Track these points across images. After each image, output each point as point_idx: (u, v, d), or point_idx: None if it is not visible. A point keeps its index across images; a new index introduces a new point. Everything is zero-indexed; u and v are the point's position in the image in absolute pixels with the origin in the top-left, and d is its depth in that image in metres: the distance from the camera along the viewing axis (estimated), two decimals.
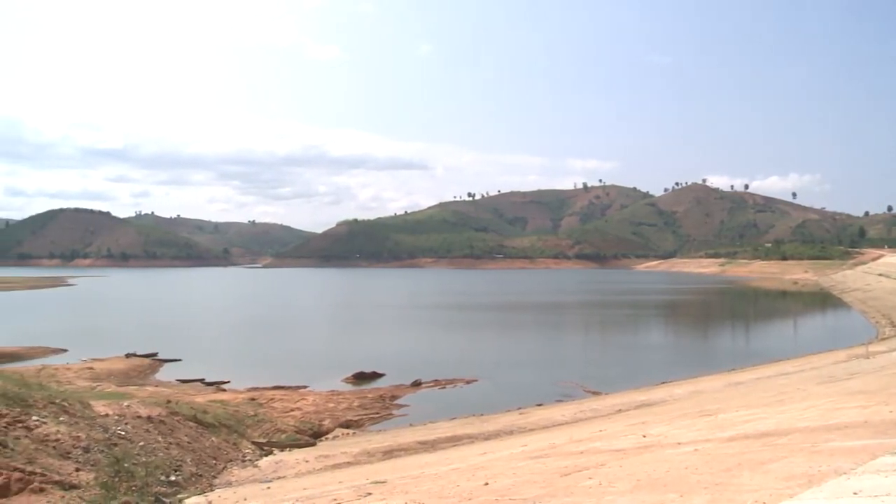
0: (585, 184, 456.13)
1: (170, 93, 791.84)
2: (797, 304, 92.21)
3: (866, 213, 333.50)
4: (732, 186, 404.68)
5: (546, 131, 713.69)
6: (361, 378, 33.34)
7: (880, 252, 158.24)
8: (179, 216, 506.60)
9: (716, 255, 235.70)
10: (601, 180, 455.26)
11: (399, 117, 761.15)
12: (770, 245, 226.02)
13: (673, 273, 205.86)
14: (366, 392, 29.84)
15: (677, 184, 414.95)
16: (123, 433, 15.53)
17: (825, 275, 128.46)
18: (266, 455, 18.82)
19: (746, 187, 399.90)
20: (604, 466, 9.25)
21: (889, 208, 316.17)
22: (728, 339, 55.05)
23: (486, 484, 9.25)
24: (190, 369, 35.56)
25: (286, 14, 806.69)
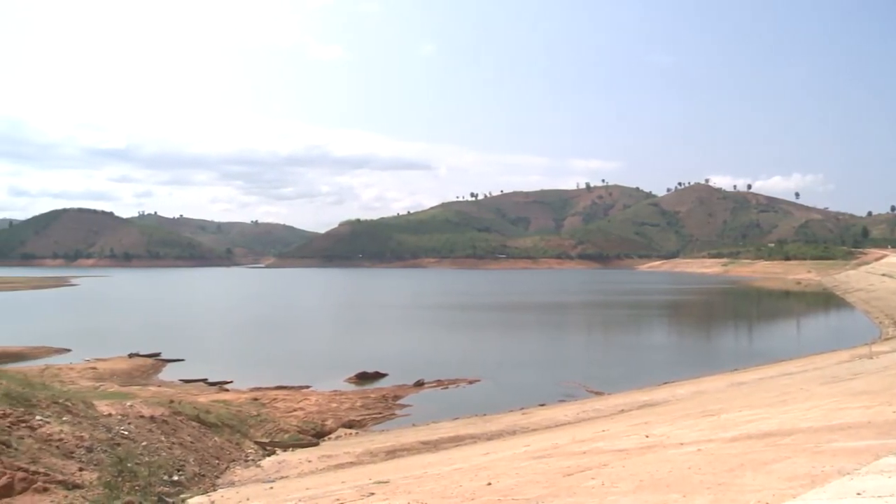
0: (588, 184, 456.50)
1: (173, 93, 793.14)
2: (800, 305, 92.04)
3: (869, 213, 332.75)
4: (735, 186, 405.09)
5: (549, 131, 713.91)
6: (364, 378, 33.39)
7: (883, 252, 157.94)
8: (182, 216, 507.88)
9: (719, 256, 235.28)
10: (604, 180, 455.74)
11: (402, 117, 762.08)
12: (773, 245, 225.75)
13: (676, 273, 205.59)
14: (368, 392, 29.86)
15: (680, 184, 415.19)
16: (126, 433, 15.56)
17: (828, 275, 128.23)
18: (269, 455, 18.84)
19: (749, 187, 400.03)
20: (606, 466, 9.25)
21: (892, 208, 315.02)
22: (731, 340, 54.96)
23: (489, 484, 9.25)
24: (193, 369, 35.64)
25: (289, 14, 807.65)
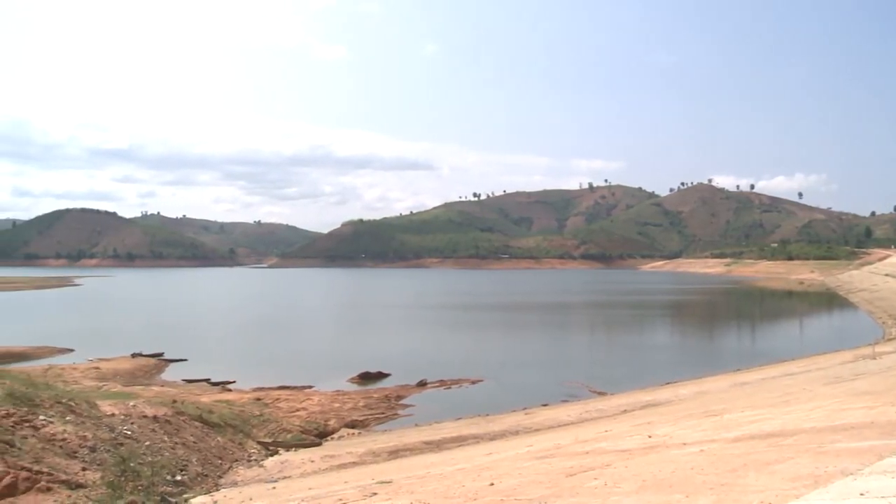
0: (591, 184, 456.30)
1: (176, 93, 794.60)
2: (803, 305, 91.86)
3: (873, 213, 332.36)
4: (738, 186, 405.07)
5: (551, 131, 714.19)
6: (367, 378, 33.39)
7: (887, 252, 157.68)
8: (185, 216, 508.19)
9: (721, 256, 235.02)
10: (606, 180, 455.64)
11: (405, 117, 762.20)
12: (776, 245, 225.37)
13: (678, 273, 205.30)
14: (371, 392, 29.86)
15: (683, 184, 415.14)
16: (129, 433, 15.59)
17: (831, 275, 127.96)
18: (271, 455, 18.86)
19: (752, 187, 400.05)
20: (609, 467, 9.24)
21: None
22: (734, 340, 54.86)
23: (492, 484, 9.25)
24: (195, 369, 35.68)
25: (292, 15, 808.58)
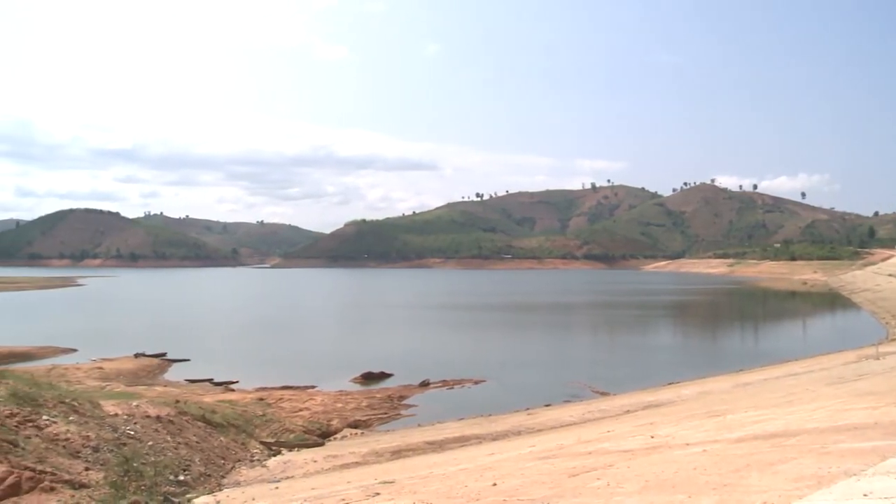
0: (594, 184, 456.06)
1: (178, 93, 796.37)
2: (806, 305, 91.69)
3: (876, 214, 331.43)
4: (741, 186, 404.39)
5: (554, 131, 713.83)
6: (370, 378, 33.42)
7: (890, 252, 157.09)
8: (188, 216, 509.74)
9: (724, 256, 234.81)
10: (609, 180, 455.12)
11: (407, 117, 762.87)
12: (779, 245, 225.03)
13: (681, 273, 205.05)
14: (374, 392, 29.88)
15: (686, 184, 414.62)
16: (132, 433, 15.60)
17: (834, 275, 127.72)
18: (274, 455, 18.88)
19: (755, 187, 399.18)
20: (612, 467, 9.24)
21: None
22: (736, 340, 54.79)
23: (495, 484, 9.25)
24: (198, 369, 35.74)
25: (295, 14, 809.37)
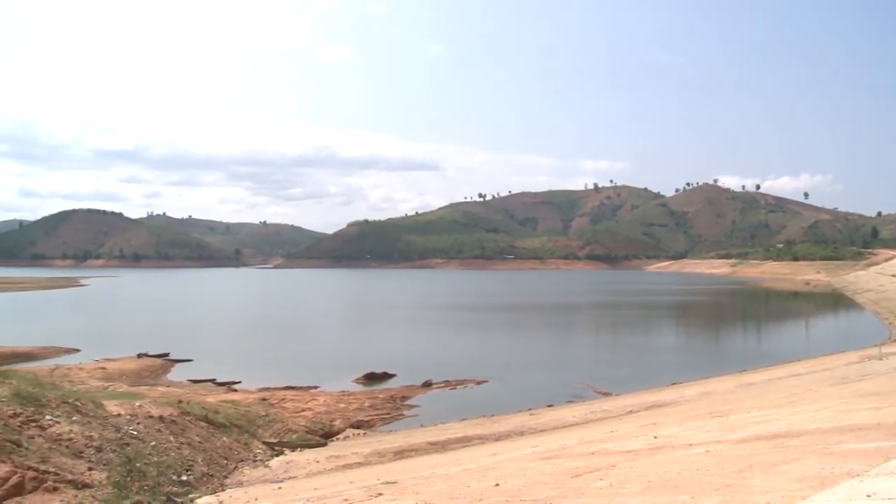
0: (596, 184, 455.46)
1: (181, 94, 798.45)
2: (809, 305, 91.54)
3: (879, 214, 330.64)
4: (744, 187, 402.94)
5: (557, 131, 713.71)
6: (372, 379, 33.42)
7: (893, 252, 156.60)
8: (191, 217, 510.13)
9: (727, 256, 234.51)
10: (612, 181, 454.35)
11: (410, 118, 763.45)
12: (782, 246, 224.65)
13: (684, 274, 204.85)
14: (377, 392, 29.89)
15: (688, 184, 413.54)
16: (135, 433, 15.63)
17: (837, 275, 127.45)
18: (277, 455, 18.90)
19: (758, 187, 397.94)
20: (615, 467, 9.23)
21: None
22: (739, 340, 54.71)
23: (497, 485, 9.25)
24: (201, 369, 35.77)
25: (297, 15, 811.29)
